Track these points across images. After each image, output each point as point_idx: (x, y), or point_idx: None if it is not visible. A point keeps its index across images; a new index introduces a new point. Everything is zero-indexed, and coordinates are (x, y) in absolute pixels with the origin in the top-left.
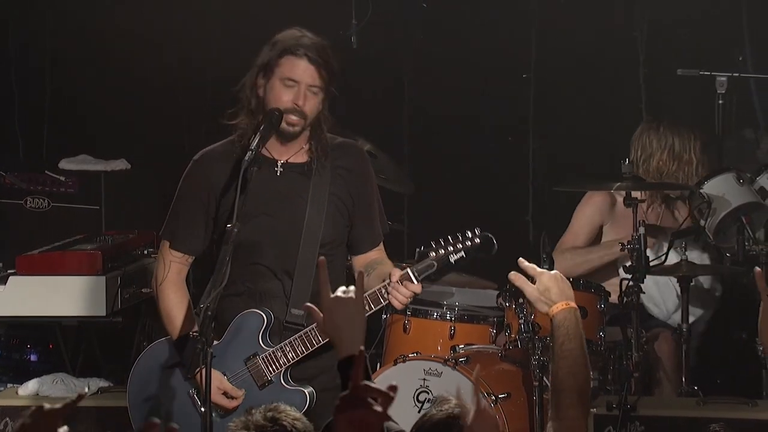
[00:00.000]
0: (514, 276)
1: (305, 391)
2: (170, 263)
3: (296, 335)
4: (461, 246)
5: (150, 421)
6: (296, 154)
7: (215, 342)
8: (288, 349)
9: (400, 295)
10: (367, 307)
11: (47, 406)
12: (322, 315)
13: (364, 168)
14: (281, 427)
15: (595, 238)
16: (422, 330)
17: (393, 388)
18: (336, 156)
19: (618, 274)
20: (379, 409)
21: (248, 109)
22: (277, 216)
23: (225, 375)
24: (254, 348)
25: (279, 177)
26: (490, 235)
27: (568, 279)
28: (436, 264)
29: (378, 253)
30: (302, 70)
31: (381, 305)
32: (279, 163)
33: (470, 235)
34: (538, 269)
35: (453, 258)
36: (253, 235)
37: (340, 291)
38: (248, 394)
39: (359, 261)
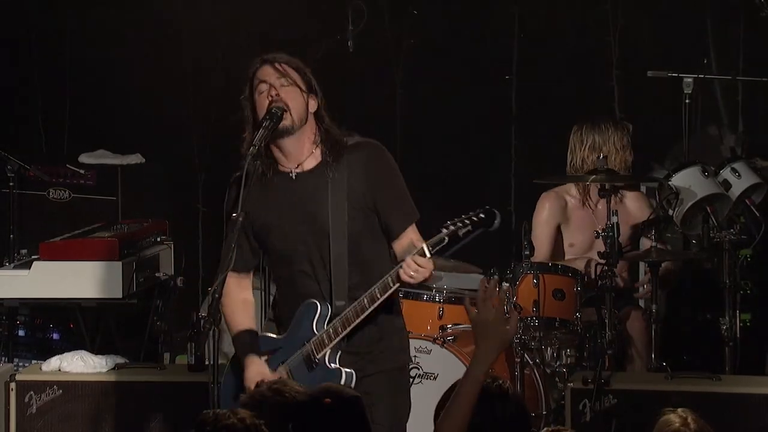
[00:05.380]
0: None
1: (343, 371)
2: (228, 282)
3: (337, 318)
4: (468, 222)
5: None
6: (307, 159)
7: (279, 336)
8: (331, 331)
9: (409, 270)
10: (378, 294)
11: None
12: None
13: (381, 159)
14: (282, 397)
15: (557, 237)
16: (413, 311)
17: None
18: (351, 153)
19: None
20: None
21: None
22: (301, 221)
23: (284, 362)
24: (309, 334)
25: (294, 184)
26: (494, 210)
27: (548, 264)
28: (447, 238)
29: (413, 236)
30: (266, 72)
31: (389, 291)
32: (293, 172)
33: (476, 212)
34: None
35: (461, 231)
36: (285, 245)
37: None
38: (300, 376)
39: (398, 247)
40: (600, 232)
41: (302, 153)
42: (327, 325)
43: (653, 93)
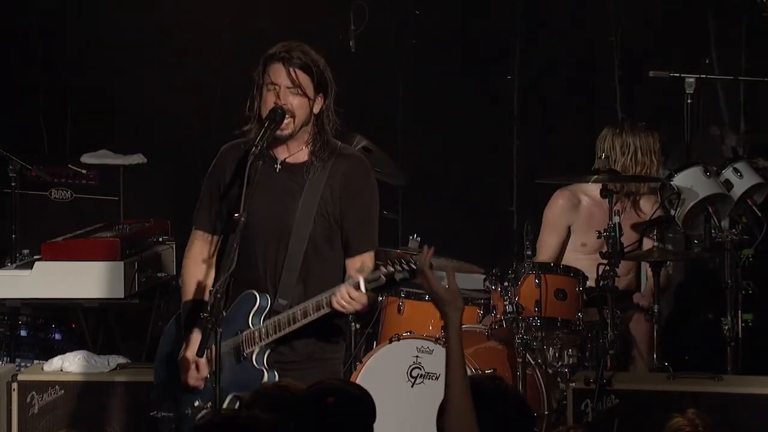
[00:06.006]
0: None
1: (265, 372)
2: (193, 242)
3: (272, 320)
4: (408, 269)
5: None
6: (297, 153)
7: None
8: (263, 330)
9: (341, 299)
10: (311, 311)
11: None
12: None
13: (361, 178)
14: (290, 394)
15: (565, 237)
16: (415, 311)
17: None
18: (338, 162)
19: None
20: None
21: (255, 118)
22: (270, 212)
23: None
24: (242, 325)
25: (277, 174)
26: (415, 268)
27: (549, 264)
28: (384, 278)
29: (367, 260)
30: (279, 73)
31: (322, 312)
32: (279, 161)
33: (413, 263)
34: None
35: (398, 276)
36: (246, 227)
37: None
38: (226, 365)
39: (350, 266)
40: (602, 232)
41: (294, 147)
42: (263, 320)
43: (655, 93)
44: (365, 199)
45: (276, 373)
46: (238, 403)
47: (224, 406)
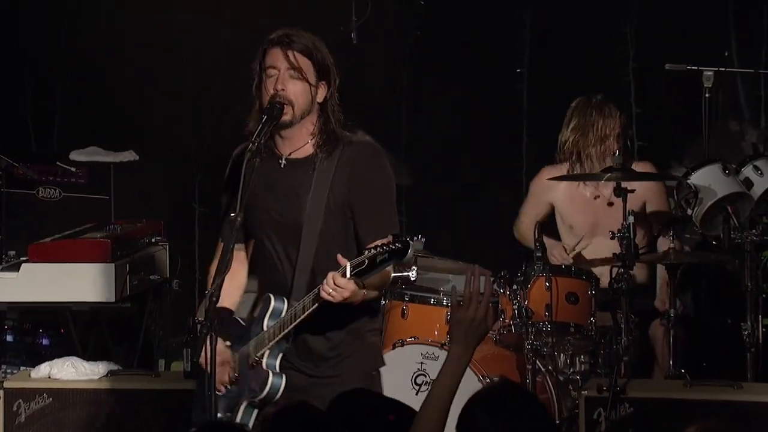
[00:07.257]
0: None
1: (270, 377)
2: (218, 255)
3: (277, 320)
4: (386, 250)
5: None
6: (301, 148)
7: (244, 323)
8: (270, 332)
9: (327, 287)
10: (309, 304)
11: None
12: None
13: (371, 160)
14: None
15: (546, 212)
16: (420, 315)
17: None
18: (345, 150)
19: None
20: None
21: (256, 112)
22: (279, 210)
23: (237, 352)
24: (258, 330)
25: (282, 170)
26: (409, 242)
27: (561, 266)
28: (366, 261)
29: None
30: (278, 57)
31: (317, 304)
32: (283, 157)
33: (394, 242)
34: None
35: (378, 258)
36: (260, 228)
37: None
38: (242, 370)
39: None
40: (615, 233)
41: (298, 141)
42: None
43: (672, 87)
44: (376, 184)
45: (283, 377)
46: (255, 413)
47: (239, 415)
